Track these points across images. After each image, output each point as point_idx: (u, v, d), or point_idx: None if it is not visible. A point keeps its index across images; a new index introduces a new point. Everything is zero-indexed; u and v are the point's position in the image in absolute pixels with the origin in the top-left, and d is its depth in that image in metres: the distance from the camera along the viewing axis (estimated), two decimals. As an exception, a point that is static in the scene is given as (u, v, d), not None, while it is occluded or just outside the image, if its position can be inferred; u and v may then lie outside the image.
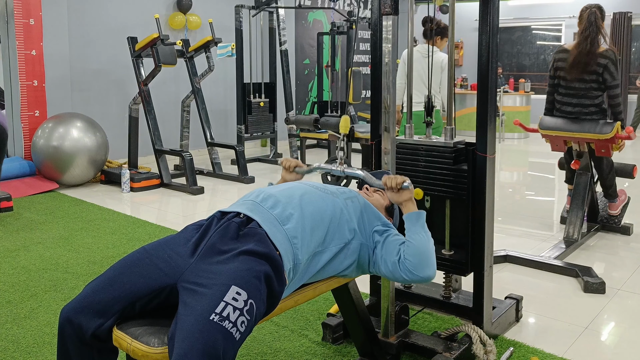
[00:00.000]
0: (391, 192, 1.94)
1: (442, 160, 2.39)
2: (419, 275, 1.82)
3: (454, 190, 2.38)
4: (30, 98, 5.85)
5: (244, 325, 1.43)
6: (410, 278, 1.82)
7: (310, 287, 1.84)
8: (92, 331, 1.51)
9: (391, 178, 1.93)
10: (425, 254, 1.83)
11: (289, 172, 2.22)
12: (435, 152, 2.41)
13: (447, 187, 2.40)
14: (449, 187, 2.39)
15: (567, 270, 3.30)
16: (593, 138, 3.68)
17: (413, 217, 1.90)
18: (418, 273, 1.81)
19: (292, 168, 2.20)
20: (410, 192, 1.93)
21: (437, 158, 2.41)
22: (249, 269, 1.51)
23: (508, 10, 11.04)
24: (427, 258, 1.83)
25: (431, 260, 1.84)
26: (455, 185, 2.37)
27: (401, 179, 1.92)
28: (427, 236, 1.87)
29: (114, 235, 4.09)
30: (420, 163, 2.44)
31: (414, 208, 1.93)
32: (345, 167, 2.11)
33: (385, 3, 2.23)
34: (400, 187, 1.92)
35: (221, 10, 7.74)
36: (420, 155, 2.44)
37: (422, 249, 1.83)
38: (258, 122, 7.09)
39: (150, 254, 1.62)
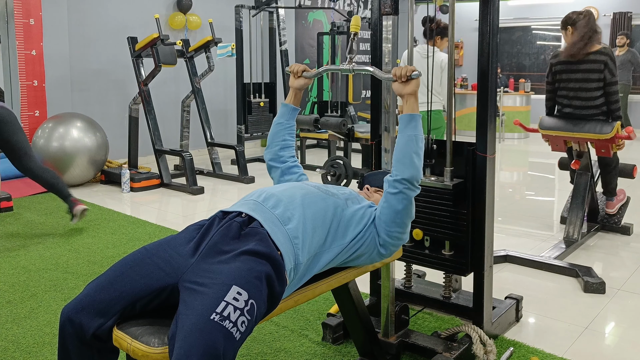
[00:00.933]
0: (398, 83, 1.91)
1: (442, 202, 2.38)
2: (403, 177, 1.82)
3: (454, 233, 2.37)
4: (30, 98, 5.85)
5: (244, 325, 1.43)
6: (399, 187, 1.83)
7: (310, 287, 1.84)
8: (93, 331, 1.51)
9: (400, 68, 1.90)
10: (405, 153, 1.83)
11: (296, 77, 2.18)
12: (434, 194, 2.39)
13: (446, 228, 2.39)
14: (449, 229, 2.38)
15: (567, 270, 3.30)
16: (593, 138, 3.68)
17: (406, 118, 1.88)
18: (402, 175, 1.82)
19: (299, 73, 2.17)
20: (417, 83, 1.89)
21: (437, 199, 2.39)
22: (250, 269, 1.51)
23: (508, 10, 11.04)
24: (408, 158, 1.83)
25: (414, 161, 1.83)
26: (455, 228, 2.36)
27: (411, 69, 1.88)
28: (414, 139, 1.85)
29: (114, 235, 4.09)
30: (419, 203, 2.42)
31: (414, 105, 1.89)
32: (354, 65, 2.08)
33: (385, 3, 2.23)
34: (409, 75, 1.88)
35: (221, 10, 7.74)
36: (419, 195, 2.42)
37: (402, 148, 1.84)
38: (258, 122, 7.09)
39: (151, 253, 1.62)
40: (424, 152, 1.91)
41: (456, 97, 9.91)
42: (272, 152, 2.17)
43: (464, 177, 2.37)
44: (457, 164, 2.39)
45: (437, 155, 2.45)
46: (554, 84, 3.87)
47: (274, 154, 2.16)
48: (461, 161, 2.38)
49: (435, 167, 2.46)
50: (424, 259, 2.49)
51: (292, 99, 2.19)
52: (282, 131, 2.17)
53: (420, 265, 2.54)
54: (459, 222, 2.35)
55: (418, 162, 1.85)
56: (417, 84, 1.89)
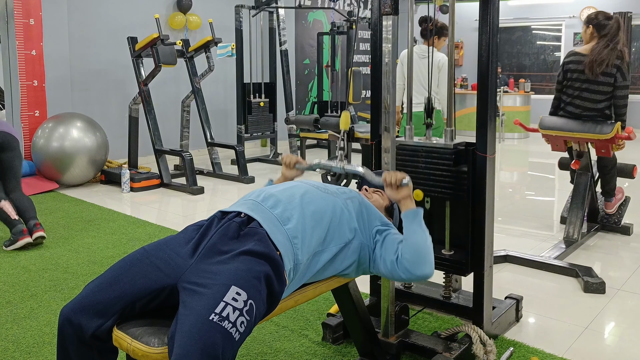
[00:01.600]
0: (390, 189, 1.94)
1: (442, 161, 2.39)
2: (416, 274, 1.81)
3: (454, 192, 2.38)
4: (30, 98, 5.85)
5: (243, 325, 1.43)
6: (408, 277, 1.82)
7: (310, 287, 1.84)
8: (92, 331, 1.51)
9: (391, 174, 1.93)
10: (422, 252, 1.82)
11: (289, 168, 2.21)
12: (435, 154, 2.40)
13: (447, 188, 2.39)
14: (449, 188, 2.39)
15: (567, 270, 3.30)
16: (593, 138, 3.68)
17: (410, 215, 1.89)
18: (415, 272, 1.81)
19: (292, 165, 2.20)
20: (409, 189, 1.93)
21: (437, 159, 2.40)
22: (249, 269, 1.51)
23: (508, 10, 11.04)
24: (424, 256, 1.82)
25: (428, 258, 1.83)
26: (456, 187, 2.37)
27: (401, 175, 1.91)
28: (424, 234, 1.86)
29: (114, 235, 4.09)
30: (420, 164, 2.44)
31: (412, 205, 1.92)
32: (345, 164, 2.11)
33: (385, 3, 2.23)
34: (399, 183, 1.91)
35: (221, 10, 7.74)
36: (420, 157, 2.44)
37: (418, 246, 1.83)
38: (258, 122, 7.09)
39: (151, 254, 1.62)
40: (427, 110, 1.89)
41: (456, 97, 9.91)
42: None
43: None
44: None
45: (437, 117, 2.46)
46: (563, 82, 3.86)
47: None
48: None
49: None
50: (424, 259, 2.48)
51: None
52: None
53: (420, 265, 2.53)
54: (459, 181, 2.36)
55: (431, 259, 1.84)
56: (409, 190, 1.93)
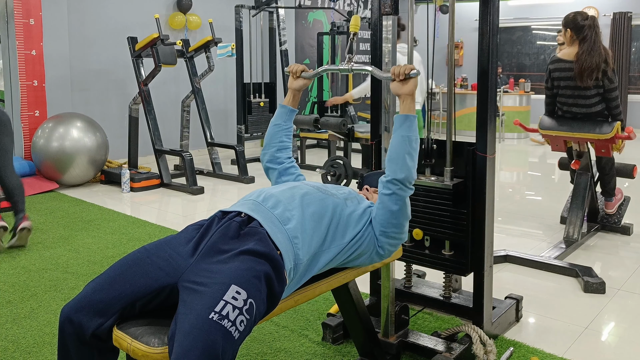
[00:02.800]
0: (396, 81, 1.90)
1: (442, 202, 2.38)
2: (394, 177, 1.82)
3: (454, 232, 2.37)
4: (30, 98, 5.85)
5: (243, 324, 1.43)
6: (392, 189, 1.82)
7: (310, 287, 1.84)
8: (92, 331, 1.51)
9: (399, 66, 1.89)
10: (398, 154, 1.82)
11: (295, 78, 2.17)
12: (435, 193, 2.39)
13: (446, 228, 2.39)
14: (449, 228, 2.38)
15: (567, 270, 3.30)
16: (593, 138, 3.68)
17: (400, 119, 1.87)
18: (392, 175, 1.82)
19: (298, 73, 2.16)
20: (415, 82, 1.88)
21: (437, 199, 2.39)
22: (249, 269, 1.51)
23: (508, 10, 11.05)
24: (399, 158, 1.82)
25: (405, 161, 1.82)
26: (455, 227, 2.36)
27: (409, 68, 1.87)
28: (402, 138, 1.84)
29: (114, 235, 4.09)
30: (419, 203, 2.42)
31: (410, 105, 1.88)
32: (352, 65, 2.07)
33: (385, 3, 2.23)
34: (407, 73, 1.87)
35: (221, 10, 7.74)
36: (419, 196, 2.42)
37: (394, 149, 1.83)
38: (258, 122, 7.09)
39: (151, 253, 1.62)
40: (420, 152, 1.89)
41: (456, 97, 9.92)
42: (270, 153, 2.16)
43: (464, 177, 2.37)
44: (457, 164, 2.39)
45: (437, 155, 2.45)
46: (552, 90, 3.85)
47: (271, 155, 2.15)
48: (461, 161, 2.38)
49: (435, 167, 2.46)
50: (424, 259, 2.49)
51: (291, 100, 2.18)
52: (280, 132, 2.16)
53: (420, 265, 2.54)
54: (458, 222, 2.35)
55: (411, 163, 1.84)
56: (415, 84, 1.89)
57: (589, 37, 3.65)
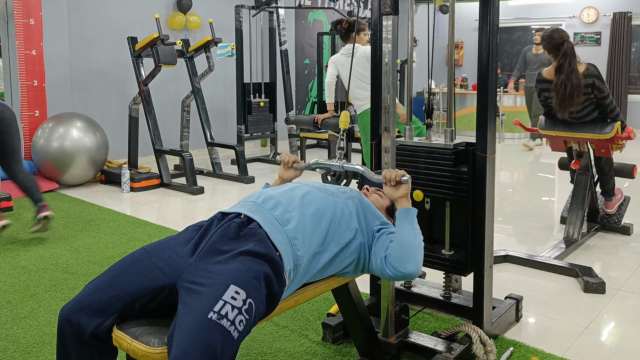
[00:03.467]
0: (389, 186, 1.94)
1: (442, 162, 2.39)
2: (401, 271, 1.81)
3: (454, 192, 2.38)
4: (30, 98, 5.85)
5: (242, 324, 1.43)
6: (394, 274, 1.82)
7: (310, 287, 1.84)
8: (92, 331, 1.51)
9: (390, 171, 1.93)
10: (409, 249, 1.82)
11: (286, 168, 2.20)
12: (436, 154, 2.40)
13: (447, 189, 2.39)
14: (449, 189, 2.39)
15: (567, 270, 3.30)
16: (593, 138, 3.68)
17: (403, 213, 1.90)
18: (400, 268, 1.80)
19: (290, 164, 2.19)
20: (407, 187, 1.93)
21: (437, 160, 2.40)
22: (249, 269, 1.52)
23: (508, 10, 11.04)
24: (410, 253, 1.82)
25: (414, 255, 1.82)
26: (456, 187, 2.37)
27: (400, 173, 1.92)
28: (413, 232, 1.86)
29: (114, 235, 4.09)
30: (420, 165, 2.44)
31: (407, 204, 1.93)
32: (344, 162, 2.10)
33: (385, 3, 2.23)
34: (398, 180, 1.91)
35: (221, 10, 7.74)
36: (420, 157, 2.44)
37: (405, 243, 1.82)
38: (258, 122, 7.09)
39: (150, 254, 1.62)
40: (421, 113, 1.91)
41: (456, 97, 9.92)
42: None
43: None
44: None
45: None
46: (546, 101, 3.82)
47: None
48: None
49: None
50: (424, 259, 2.48)
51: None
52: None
53: (420, 265, 2.54)
54: (459, 181, 2.35)
55: (419, 257, 1.84)
56: (408, 188, 1.93)
57: (564, 69, 3.57)
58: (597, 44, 10.37)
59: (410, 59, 2.66)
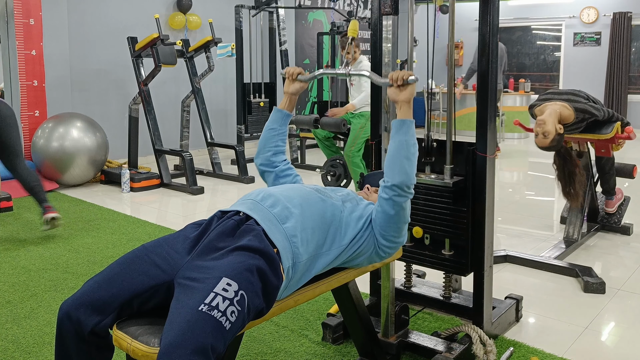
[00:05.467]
0: (394, 87, 1.89)
1: (442, 199, 2.38)
2: (392, 183, 1.80)
3: (453, 230, 2.37)
4: (30, 98, 5.84)
5: (234, 315, 1.42)
6: (390, 195, 1.81)
7: (310, 287, 1.84)
8: (91, 328, 1.51)
9: (397, 72, 1.88)
10: (395, 159, 1.81)
11: (291, 81, 2.16)
12: (435, 191, 2.39)
13: (446, 226, 2.39)
14: (449, 226, 2.38)
15: (567, 270, 3.30)
16: (593, 138, 3.68)
17: (397, 124, 1.86)
18: (392, 181, 1.80)
19: (295, 76, 2.15)
20: (412, 89, 1.87)
21: (437, 197, 2.39)
22: (241, 262, 1.52)
23: (508, 10, 11.04)
24: (399, 163, 1.81)
25: (404, 166, 1.80)
26: (455, 225, 2.36)
27: (408, 73, 1.86)
28: (399, 142, 1.83)
29: (114, 235, 4.09)
30: (419, 201, 2.42)
31: (408, 110, 1.87)
32: (350, 69, 2.06)
33: (385, 3, 2.23)
34: (405, 79, 1.86)
35: (221, 10, 7.74)
36: (419, 194, 2.42)
37: (392, 153, 1.82)
38: (258, 122, 7.09)
39: (149, 251, 1.62)
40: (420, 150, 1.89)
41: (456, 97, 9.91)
42: (264, 157, 2.15)
43: (464, 176, 2.37)
44: (457, 163, 2.39)
45: (437, 154, 2.45)
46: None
47: (266, 159, 2.15)
48: (461, 159, 2.38)
49: (435, 165, 2.46)
50: (424, 259, 2.49)
51: (287, 104, 2.17)
52: (275, 137, 2.15)
53: (420, 265, 2.54)
54: (458, 220, 2.35)
55: (409, 168, 1.82)
56: (413, 91, 1.87)
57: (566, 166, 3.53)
58: (597, 44, 10.37)
59: (410, 59, 2.66)
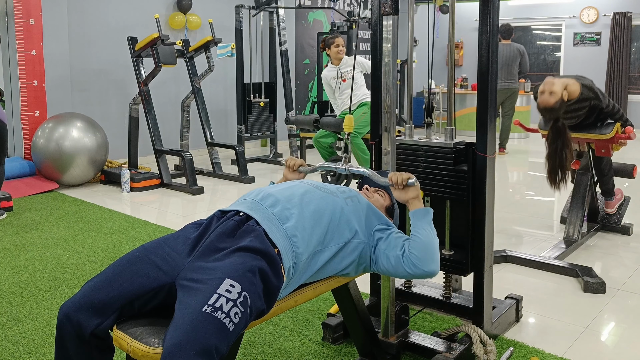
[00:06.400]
0: (396, 189, 1.95)
1: (442, 160, 2.39)
2: (424, 269, 1.82)
3: (454, 191, 2.38)
4: (30, 98, 5.84)
5: (237, 316, 1.43)
6: (414, 272, 1.83)
7: (310, 287, 1.84)
8: (92, 330, 1.51)
9: (397, 174, 1.94)
10: (431, 249, 1.84)
11: (291, 171, 2.21)
12: (435, 153, 2.41)
13: (447, 187, 2.39)
14: (449, 187, 2.39)
15: (567, 270, 3.30)
16: (593, 138, 3.68)
17: (420, 213, 1.91)
18: (423, 267, 1.82)
19: (295, 167, 2.20)
20: (416, 189, 1.94)
21: (437, 159, 2.40)
22: (244, 263, 1.52)
23: (508, 10, 11.04)
24: (432, 253, 1.84)
25: (436, 255, 1.85)
26: (456, 186, 2.37)
27: (407, 176, 1.92)
28: (432, 232, 1.89)
29: (114, 235, 4.09)
30: (420, 164, 2.44)
31: (420, 205, 1.94)
32: (350, 166, 2.11)
33: (385, 3, 2.23)
34: (405, 183, 1.92)
35: (221, 10, 7.74)
36: (420, 156, 2.44)
37: (427, 243, 1.84)
38: (258, 122, 7.09)
39: (149, 252, 1.62)
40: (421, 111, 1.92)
41: (456, 97, 9.91)
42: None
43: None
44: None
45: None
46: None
47: None
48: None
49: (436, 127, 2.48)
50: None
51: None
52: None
53: (420, 265, 2.53)
54: (459, 180, 2.35)
55: (438, 258, 1.86)
56: (417, 190, 1.94)
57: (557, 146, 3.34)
58: (597, 44, 10.37)
59: (410, 59, 2.66)
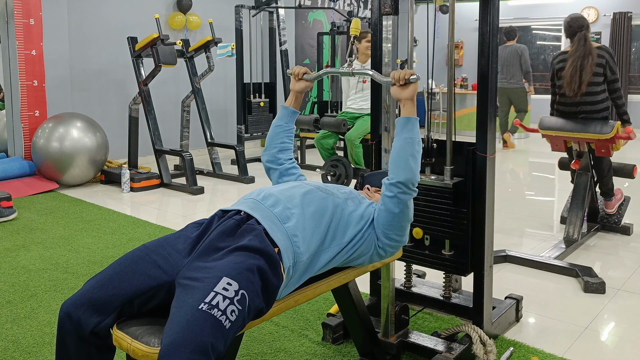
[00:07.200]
0: (397, 86, 1.90)
1: (442, 200, 2.38)
2: (397, 179, 1.81)
3: (454, 232, 2.37)
4: (30, 98, 5.84)
5: (234, 314, 1.42)
6: (392, 191, 1.82)
7: (310, 287, 1.84)
8: (92, 328, 1.51)
9: (399, 71, 1.90)
10: (400, 156, 1.82)
11: (297, 80, 2.19)
12: (435, 192, 2.39)
13: (446, 227, 2.39)
14: (449, 227, 2.38)
15: (567, 270, 3.30)
16: (593, 138, 3.68)
17: (401, 121, 1.87)
18: (396, 177, 1.81)
19: (300, 75, 2.17)
20: (415, 87, 1.88)
21: (437, 198, 2.39)
22: (242, 262, 1.52)
23: (508, 10, 11.04)
24: (402, 160, 1.82)
25: (409, 164, 1.82)
26: (455, 227, 2.36)
27: (409, 72, 1.87)
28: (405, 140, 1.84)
29: (114, 235, 4.09)
30: (419, 202, 2.43)
31: (412, 108, 1.88)
32: (353, 68, 2.08)
33: (385, 3, 2.23)
34: (407, 78, 1.87)
35: (221, 10, 7.74)
36: (419, 194, 2.41)
37: (397, 151, 1.83)
38: (258, 122, 7.09)
39: (150, 251, 1.62)
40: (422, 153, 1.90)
41: (456, 97, 9.92)
42: (270, 154, 2.17)
43: (464, 177, 2.37)
44: (457, 163, 2.39)
45: (437, 155, 2.45)
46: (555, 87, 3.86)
47: (272, 156, 2.16)
48: (461, 160, 2.38)
49: (436, 166, 2.46)
50: (424, 259, 2.49)
51: (293, 102, 2.20)
52: (281, 134, 2.17)
53: (420, 265, 2.54)
54: (459, 221, 2.35)
55: (414, 165, 1.83)
56: (415, 89, 1.89)
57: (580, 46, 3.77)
58: (597, 44, 10.36)
59: (410, 59, 2.66)
